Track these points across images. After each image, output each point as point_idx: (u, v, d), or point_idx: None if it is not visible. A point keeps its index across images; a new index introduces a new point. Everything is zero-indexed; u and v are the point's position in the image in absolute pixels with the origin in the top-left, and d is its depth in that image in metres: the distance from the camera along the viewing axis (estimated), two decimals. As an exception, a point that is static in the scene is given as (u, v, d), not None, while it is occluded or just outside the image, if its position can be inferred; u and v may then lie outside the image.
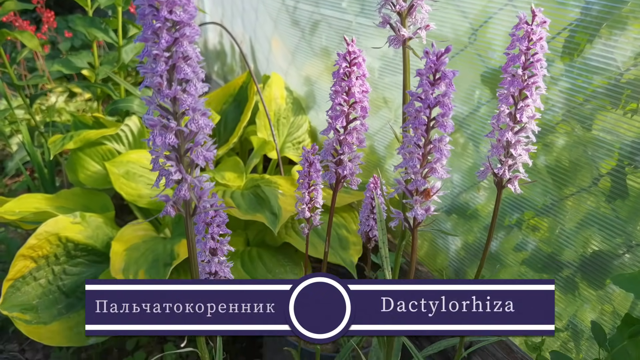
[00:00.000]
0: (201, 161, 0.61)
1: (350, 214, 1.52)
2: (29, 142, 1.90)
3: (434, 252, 1.53)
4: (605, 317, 1.11)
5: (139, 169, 1.57)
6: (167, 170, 0.61)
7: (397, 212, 0.72)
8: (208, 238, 0.85)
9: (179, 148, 0.62)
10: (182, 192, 0.61)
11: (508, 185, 0.77)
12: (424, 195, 0.69)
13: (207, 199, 0.63)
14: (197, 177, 0.63)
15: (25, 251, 1.37)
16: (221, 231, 0.86)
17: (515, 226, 1.27)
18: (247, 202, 1.41)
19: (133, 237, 1.47)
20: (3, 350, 1.63)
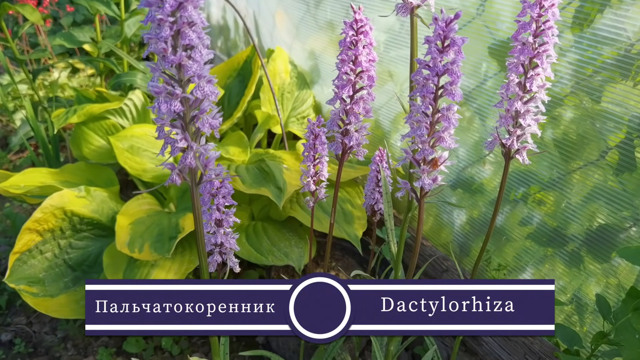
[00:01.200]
0: (207, 129, 0.60)
1: (355, 189, 1.52)
2: (32, 117, 1.90)
3: (438, 227, 1.53)
4: (610, 290, 1.11)
5: (143, 144, 1.57)
6: (173, 138, 0.61)
7: (404, 182, 0.72)
8: (214, 209, 0.85)
9: (184, 116, 0.61)
10: (188, 160, 0.61)
11: (516, 156, 0.76)
12: (432, 164, 0.68)
13: (213, 168, 0.63)
14: (202, 145, 0.63)
15: (31, 224, 1.38)
16: (227, 202, 0.86)
17: (520, 200, 1.27)
18: (251, 176, 1.41)
19: (138, 212, 1.47)
20: (11, 323, 1.65)
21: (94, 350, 1.56)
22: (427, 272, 1.47)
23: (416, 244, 0.74)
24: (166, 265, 1.36)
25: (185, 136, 0.61)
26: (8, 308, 1.71)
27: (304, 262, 1.37)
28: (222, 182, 0.85)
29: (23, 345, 1.56)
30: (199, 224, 0.66)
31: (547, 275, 1.24)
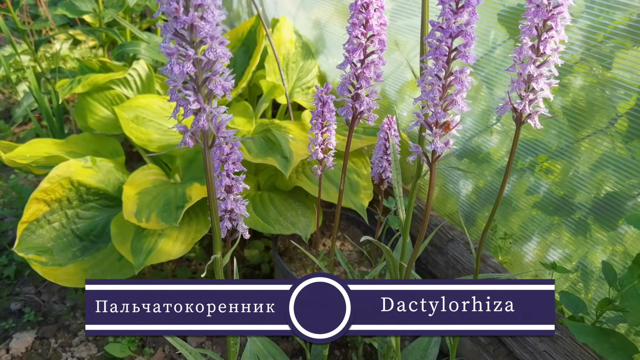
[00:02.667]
0: (219, 90, 0.60)
1: (361, 159, 1.52)
2: (36, 88, 1.89)
3: (444, 197, 1.54)
4: (616, 257, 1.11)
5: (148, 114, 1.56)
6: (185, 100, 0.61)
7: (416, 146, 0.71)
8: (223, 175, 0.85)
9: (196, 78, 0.61)
10: (201, 122, 0.60)
11: (528, 121, 0.75)
12: (444, 128, 0.68)
13: (225, 130, 0.62)
14: (215, 108, 0.62)
15: (38, 194, 1.38)
16: (236, 169, 0.86)
17: (528, 169, 1.27)
18: (257, 146, 1.40)
19: (144, 182, 1.47)
20: (20, 292, 1.67)
21: (102, 318, 1.57)
22: (433, 242, 1.48)
23: (427, 208, 0.74)
24: (173, 235, 1.37)
25: (198, 98, 0.60)
26: (16, 278, 1.73)
27: (311, 231, 1.37)
28: (232, 148, 0.85)
29: (32, 314, 1.58)
30: (211, 187, 0.66)
31: (553, 243, 1.24)
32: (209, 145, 0.64)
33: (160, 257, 1.32)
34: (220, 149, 0.84)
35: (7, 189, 2.15)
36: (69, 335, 1.52)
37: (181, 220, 1.38)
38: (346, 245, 1.56)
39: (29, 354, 1.47)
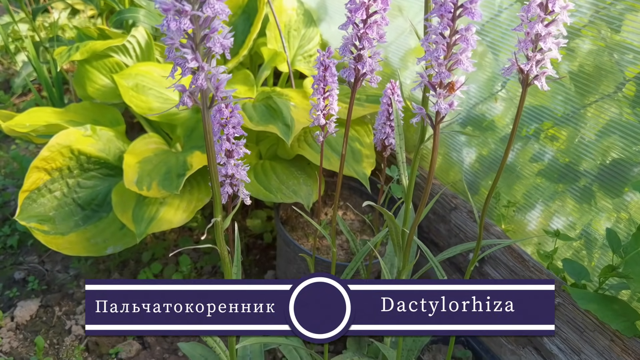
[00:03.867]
0: (218, 48, 0.58)
1: (364, 127, 1.50)
2: (34, 57, 1.86)
3: (447, 166, 1.52)
4: (620, 225, 1.11)
5: (148, 82, 1.54)
6: (183, 59, 0.59)
7: (419, 107, 0.70)
8: (224, 140, 0.84)
9: (194, 36, 0.59)
10: (199, 82, 0.59)
11: (534, 82, 0.74)
12: (448, 88, 0.66)
13: (225, 90, 0.61)
14: (213, 67, 0.61)
15: (38, 163, 1.37)
16: (236, 133, 0.84)
17: (532, 137, 1.25)
18: (258, 113, 1.39)
19: (145, 150, 1.46)
20: (23, 262, 1.68)
21: (106, 287, 1.58)
22: (436, 211, 1.47)
23: (430, 171, 0.73)
24: (174, 203, 1.36)
25: (196, 56, 0.59)
26: (20, 248, 1.73)
27: (313, 200, 1.37)
28: (232, 111, 0.83)
29: (36, 283, 1.58)
30: (210, 150, 0.65)
31: (557, 211, 1.23)
32: (207, 106, 0.62)
33: (162, 226, 1.31)
34: (220, 113, 0.83)
35: (8, 160, 2.14)
36: (72, 304, 1.53)
37: (182, 189, 1.38)
38: (348, 214, 1.56)
39: (34, 321, 1.48)
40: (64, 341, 1.42)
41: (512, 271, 1.26)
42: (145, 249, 1.68)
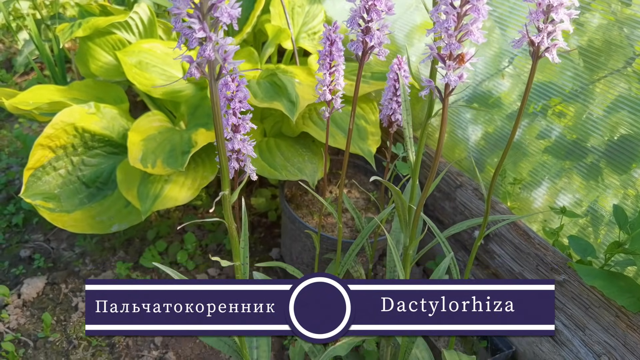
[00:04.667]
0: (226, 18, 0.57)
1: (369, 105, 1.49)
2: (36, 34, 1.84)
3: (452, 144, 1.51)
4: (627, 201, 1.10)
5: (151, 59, 1.53)
6: (190, 29, 0.58)
7: (428, 80, 0.69)
8: (230, 114, 0.83)
9: (201, 5, 0.58)
10: (207, 52, 0.58)
11: (545, 55, 0.73)
12: (458, 60, 0.66)
13: (233, 61, 0.60)
14: (221, 37, 0.60)
15: (42, 140, 1.37)
16: (243, 107, 0.84)
17: (540, 113, 1.24)
18: (263, 90, 1.38)
19: (149, 128, 1.45)
20: (29, 240, 1.68)
21: (112, 264, 1.59)
22: (441, 188, 1.47)
23: (439, 144, 0.72)
24: (179, 181, 1.36)
25: (204, 26, 0.58)
26: (25, 226, 1.74)
27: (318, 177, 1.36)
28: (238, 86, 0.82)
29: (42, 261, 1.59)
30: (218, 122, 0.64)
31: (564, 188, 1.23)
32: (215, 77, 0.61)
33: (167, 203, 1.31)
34: (227, 87, 0.82)
35: (11, 139, 2.14)
36: (79, 281, 1.54)
37: (187, 166, 1.37)
38: (353, 192, 1.55)
39: (41, 298, 1.49)
40: (70, 317, 1.43)
41: (517, 248, 1.26)
42: (150, 227, 1.68)
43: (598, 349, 1.09)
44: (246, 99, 0.83)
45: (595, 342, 1.10)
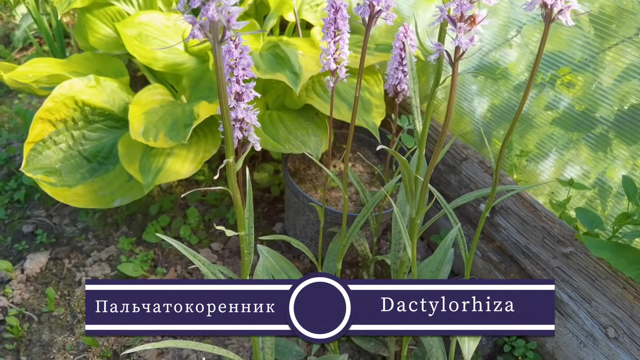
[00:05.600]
0: (229, -24, 0.55)
1: (373, 77, 1.46)
2: (34, 8, 1.81)
3: (458, 117, 1.49)
4: (636, 172, 1.09)
5: (152, 31, 1.50)
6: (192, -12, 0.56)
7: (437, 44, 0.67)
8: (233, 82, 0.81)
9: (203, -37, 0.56)
10: (210, 12, 0.56)
11: (559, 17, 0.70)
12: (469, 22, 0.63)
13: (237, 22, 0.58)
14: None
15: (42, 114, 1.35)
16: (246, 75, 0.82)
17: (548, 84, 1.22)
18: (266, 62, 1.35)
19: (150, 102, 1.43)
20: (31, 215, 1.67)
21: (114, 240, 1.58)
22: (446, 162, 1.45)
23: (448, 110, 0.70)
24: (182, 154, 1.35)
25: (206, -15, 0.56)
26: (27, 202, 1.73)
27: (322, 150, 1.35)
28: (241, 53, 0.80)
29: (45, 236, 1.59)
30: (222, 87, 0.62)
31: (571, 160, 1.21)
32: (218, 40, 0.59)
33: (170, 177, 1.30)
34: (230, 54, 0.80)
35: (11, 115, 2.12)
36: (82, 256, 1.54)
37: (190, 140, 1.35)
38: (357, 166, 1.54)
39: (44, 274, 1.49)
40: (74, 292, 1.43)
41: (523, 221, 1.25)
42: (153, 203, 1.67)
43: (604, 320, 1.09)
44: (249, 66, 0.81)
45: (602, 314, 1.09)
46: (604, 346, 1.10)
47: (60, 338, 1.31)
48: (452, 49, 0.67)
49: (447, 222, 1.52)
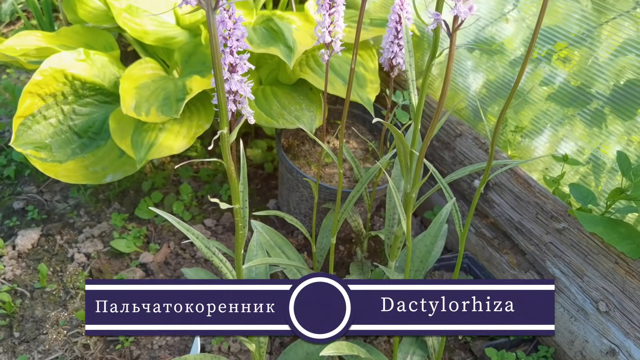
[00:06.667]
0: (223, -61, 0.54)
1: (368, 52, 1.45)
2: (20, -21, 1.77)
3: (452, 93, 1.48)
4: (631, 148, 1.09)
5: (142, 4, 1.47)
6: (185, -48, 0.54)
7: (435, 13, 0.66)
8: (227, 53, 0.80)
9: None
10: (203, -23, 0.54)
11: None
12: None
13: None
14: (217, -38, 0.56)
15: (31, 88, 1.33)
16: (240, 46, 0.80)
17: (544, 59, 1.21)
18: (259, 36, 1.33)
19: (142, 76, 1.41)
20: (21, 192, 1.66)
21: (107, 216, 1.57)
22: (440, 138, 1.45)
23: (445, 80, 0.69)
24: (174, 129, 1.33)
25: (199, -51, 0.54)
26: (17, 178, 1.71)
27: (316, 126, 1.34)
28: (235, 23, 0.79)
29: (36, 212, 1.57)
30: (216, 58, 0.61)
31: (566, 136, 1.21)
32: (212, 7, 0.58)
33: (162, 152, 1.29)
34: (223, 24, 0.78)
35: (0, 91, 2.08)
36: (74, 233, 1.53)
37: (182, 115, 1.34)
38: (351, 142, 1.53)
39: (36, 250, 1.48)
40: (67, 268, 1.42)
41: (517, 197, 1.25)
42: (145, 179, 1.66)
43: (596, 295, 1.10)
44: (244, 37, 0.79)
45: (593, 288, 1.10)
46: (594, 320, 1.11)
47: (53, 313, 1.31)
48: (450, 19, 0.66)
49: (440, 199, 1.52)
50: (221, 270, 0.82)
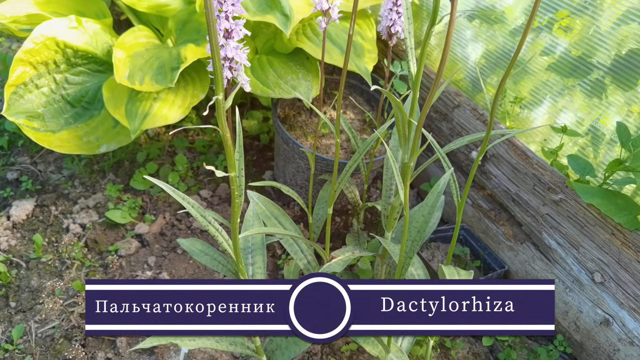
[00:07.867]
0: None
1: (365, 21, 1.42)
2: (9, -56, 1.72)
3: (451, 63, 1.46)
4: (630, 119, 1.08)
5: (134, -31, 1.43)
6: None
7: (437, -23, 0.64)
8: (222, 18, 0.77)
9: None
10: None
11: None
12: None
13: (226, -53, 0.54)
14: None
15: (23, 56, 1.30)
16: (236, 10, 0.78)
17: (545, 28, 1.19)
18: (255, 3, 1.30)
19: (135, 45, 1.38)
20: (15, 162, 1.64)
21: (101, 187, 1.56)
22: (438, 109, 1.43)
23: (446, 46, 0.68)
24: (169, 99, 1.31)
25: None
26: (10, 149, 1.69)
27: (312, 95, 1.32)
28: (230, -14, 0.76)
29: (30, 183, 1.56)
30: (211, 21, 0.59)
31: (565, 107, 1.20)
32: (206, -33, 0.56)
33: (157, 121, 1.27)
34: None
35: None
36: (69, 203, 1.52)
37: (177, 84, 1.32)
38: (348, 113, 1.52)
39: (30, 220, 1.47)
40: (62, 238, 1.41)
41: (514, 168, 1.25)
42: (140, 150, 1.65)
43: (591, 266, 1.10)
44: (239, 1, 0.77)
45: (589, 259, 1.11)
46: (589, 291, 1.11)
47: (49, 283, 1.30)
48: (451, -18, 0.64)
49: (437, 171, 1.52)
50: (217, 239, 0.82)
